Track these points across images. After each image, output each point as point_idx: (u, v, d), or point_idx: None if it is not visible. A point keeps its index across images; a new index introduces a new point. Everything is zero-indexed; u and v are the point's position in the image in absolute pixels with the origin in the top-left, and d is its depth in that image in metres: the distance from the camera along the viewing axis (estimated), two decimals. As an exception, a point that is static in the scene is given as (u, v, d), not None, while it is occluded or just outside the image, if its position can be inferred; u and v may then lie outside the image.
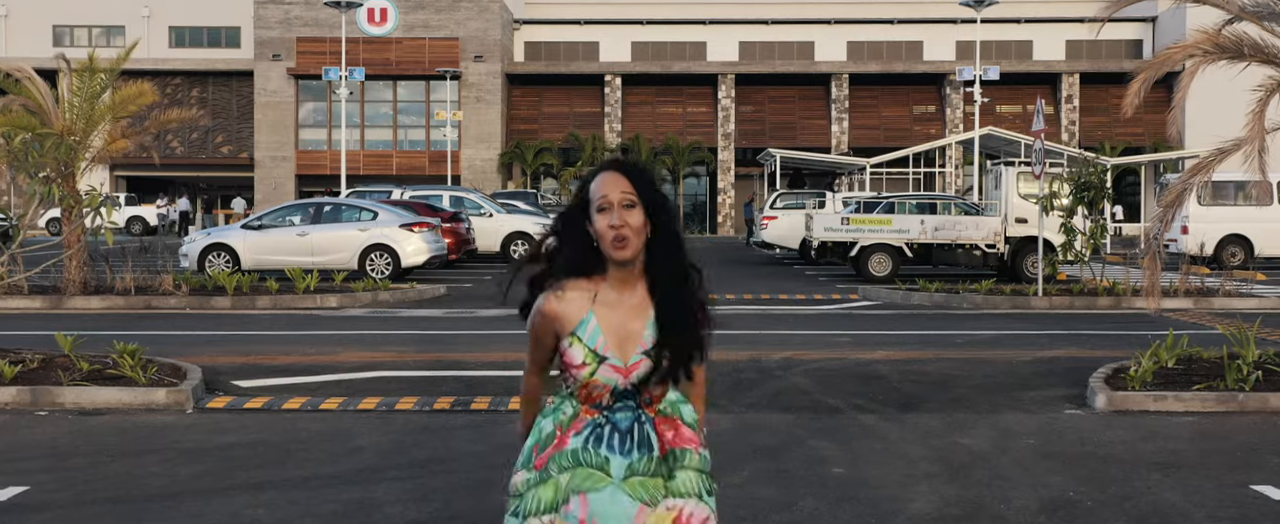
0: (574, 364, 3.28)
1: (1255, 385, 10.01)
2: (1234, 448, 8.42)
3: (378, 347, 13.85)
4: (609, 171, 3.29)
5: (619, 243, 3.22)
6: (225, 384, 10.88)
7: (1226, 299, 19.14)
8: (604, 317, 3.28)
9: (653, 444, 3.28)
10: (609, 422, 3.28)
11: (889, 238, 24.36)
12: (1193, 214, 27.85)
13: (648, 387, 3.30)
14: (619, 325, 3.28)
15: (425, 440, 8.58)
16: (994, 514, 6.64)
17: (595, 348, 3.26)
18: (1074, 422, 9.37)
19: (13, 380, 9.98)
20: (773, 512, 6.62)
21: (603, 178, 3.27)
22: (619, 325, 3.28)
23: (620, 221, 3.22)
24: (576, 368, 3.27)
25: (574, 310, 3.28)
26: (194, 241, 23.43)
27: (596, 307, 3.29)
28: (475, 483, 7.35)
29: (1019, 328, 16.13)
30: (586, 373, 3.27)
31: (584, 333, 3.27)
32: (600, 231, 3.24)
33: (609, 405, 3.30)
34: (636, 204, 3.25)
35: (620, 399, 3.30)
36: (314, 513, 6.62)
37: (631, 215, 3.23)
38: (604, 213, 3.24)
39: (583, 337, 3.27)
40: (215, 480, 7.37)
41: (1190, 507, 6.78)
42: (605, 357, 3.26)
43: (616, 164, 3.30)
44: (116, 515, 6.60)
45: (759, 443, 8.47)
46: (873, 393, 10.59)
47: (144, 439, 8.61)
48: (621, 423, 3.28)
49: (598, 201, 3.25)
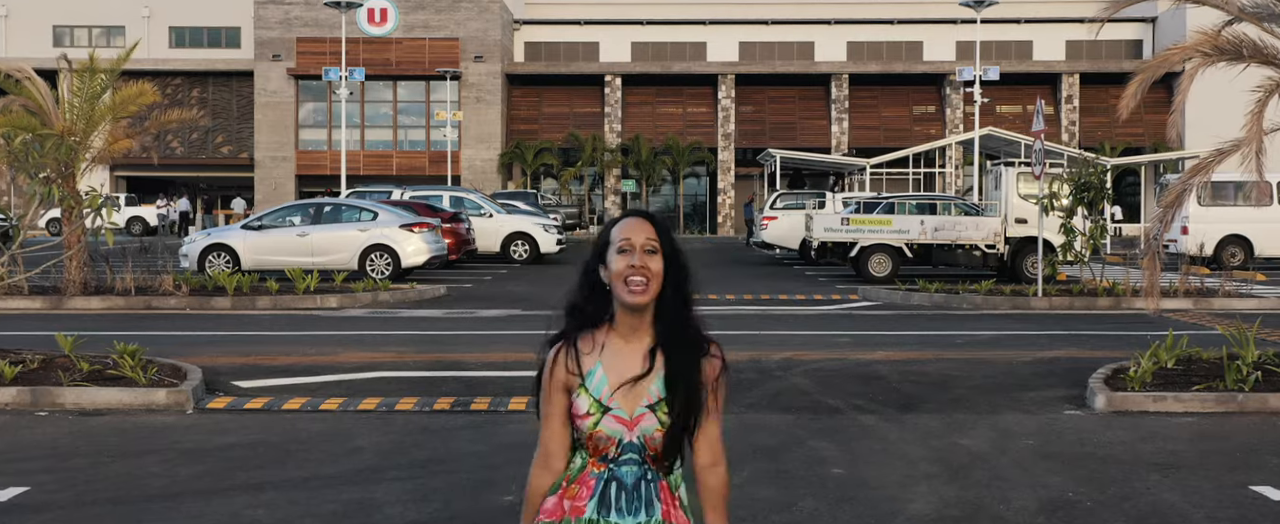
0: (579, 414, 3.24)
1: (1255, 386, 10.01)
2: (1233, 448, 8.43)
3: (378, 347, 13.85)
4: (634, 218, 3.26)
5: (637, 286, 3.17)
6: (225, 384, 10.88)
7: (1226, 300, 19.15)
8: (610, 366, 3.23)
9: (655, 507, 3.24)
10: (615, 477, 3.24)
11: (889, 238, 24.36)
12: (1193, 214, 27.84)
13: (654, 444, 3.22)
14: (624, 374, 3.23)
15: (425, 441, 8.59)
16: (993, 515, 6.64)
17: (600, 398, 3.22)
18: (1073, 422, 9.38)
19: (13, 381, 9.99)
20: (772, 512, 6.63)
21: (627, 223, 3.24)
22: (624, 374, 3.23)
23: (641, 263, 3.18)
24: (581, 418, 3.23)
25: (582, 363, 3.25)
26: (194, 242, 23.44)
27: (603, 356, 3.25)
28: (475, 483, 7.35)
29: (1019, 328, 16.14)
30: (590, 423, 3.22)
31: (591, 383, 3.23)
32: (618, 272, 3.19)
33: (615, 458, 3.24)
34: (658, 251, 3.22)
35: (626, 453, 3.24)
36: (314, 513, 6.63)
37: (652, 260, 3.19)
38: (625, 254, 3.19)
39: (589, 387, 3.23)
40: (215, 481, 7.38)
41: (1189, 507, 6.79)
42: (609, 407, 3.21)
43: (642, 213, 3.29)
44: (117, 516, 6.61)
45: (759, 443, 8.47)
46: (872, 393, 10.60)
47: (144, 440, 8.62)
48: (627, 478, 3.24)
49: (619, 243, 3.21)
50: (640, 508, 3.22)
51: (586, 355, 3.25)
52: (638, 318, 3.24)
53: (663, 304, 3.24)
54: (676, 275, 3.24)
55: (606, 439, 3.23)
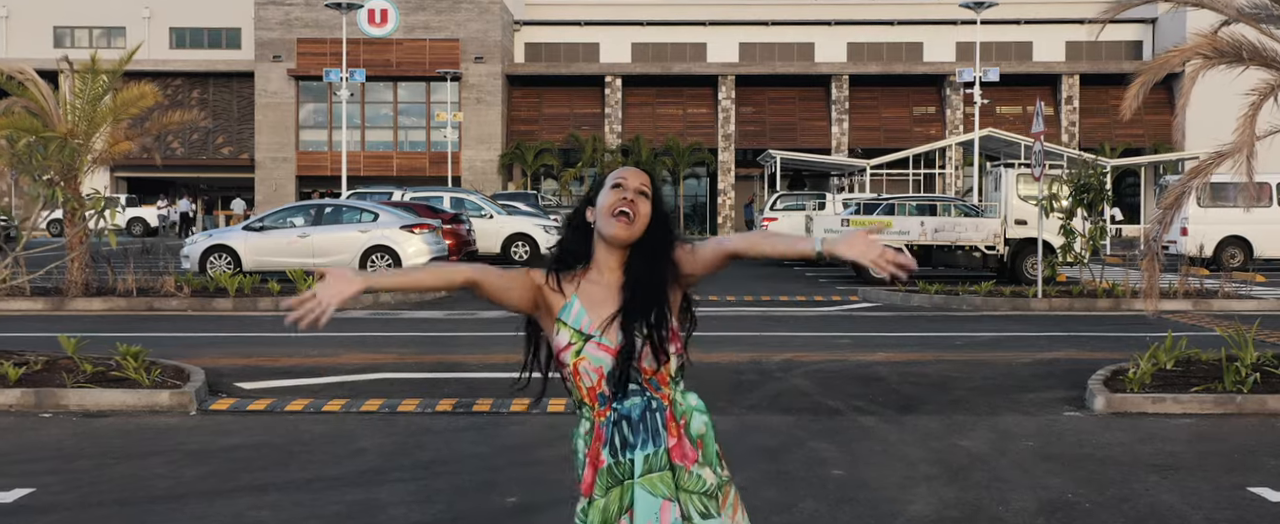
0: (561, 347, 3.33)
1: (1253, 387, 10.05)
2: (1231, 450, 8.47)
3: (379, 348, 13.90)
4: (633, 167, 3.42)
5: (621, 217, 3.31)
6: (228, 386, 10.93)
7: (1225, 301, 19.20)
8: (587, 296, 3.36)
9: (662, 437, 3.31)
10: (622, 416, 3.32)
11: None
12: (1192, 216, 27.90)
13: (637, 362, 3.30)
14: (601, 303, 3.34)
15: (428, 442, 8.64)
16: (992, 516, 6.69)
17: (580, 327, 3.32)
18: (1073, 423, 9.43)
19: (17, 382, 10.03)
20: (773, 513, 6.67)
21: (625, 169, 3.40)
22: (601, 303, 3.34)
23: (631, 199, 3.33)
24: (563, 350, 3.33)
25: (558, 297, 3.37)
26: (195, 243, 23.51)
27: (579, 291, 3.37)
28: (478, 484, 7.40)
29: (1018, 330, 16.18)
30: (573, 353, 3.31)
31: (568, 315, 3.34)
32: (608, 205, 3.34)
33: (613, 395, 3.32)
34: (649, 199, 3.37)
35: (621, 387, 3.32)
36: (318, 514, 6.67)
37: (641, 203, 3.35)
38: (617, 189, 3.35)
39: (567, 319, 3.34)
40: (220, 482, 7.43)
41: (1187, 508, 6.83)
42: (590, 335, 3.31)
43: (640, 166, 3.43)
44: (123, 517, 6.66)
45: (759, 444, 8.52)
46: (872, 395, 10.64)
47: (148, 441, 8.67)
48: (634, 412, 3.32)
49: (613, 181, 3.37)
50: (648, 439, 3.30)
51: (567, 284, 3.38)
52: (613, 258, 3.37)
53: (637, 252, 3.35)
54: (657, 231, 3.37)
55: (592, 372, 3.30)
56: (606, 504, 3.30)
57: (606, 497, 3.30)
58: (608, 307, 3.33)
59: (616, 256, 3.37)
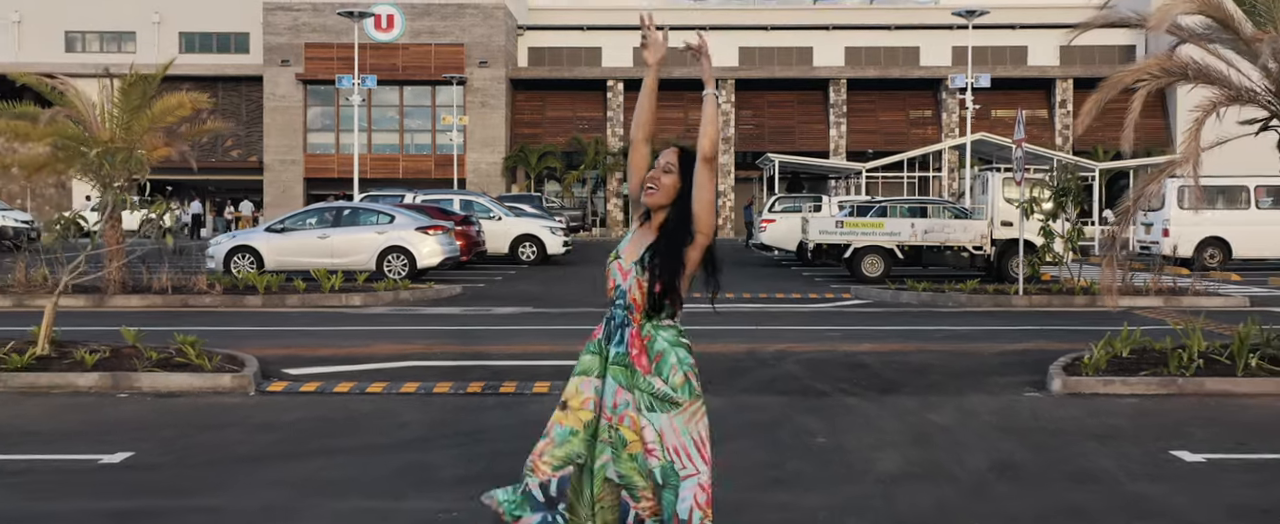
0: (608, 262, 4.82)
1: (1196, 372, 11.26)
2: (1165, 423, 9.70)
3: (407, 340, 15.11)
4: (672, 147, 4.87)
5: (649, 191, 4.76)
6: (277, 372, 12.13)
7: (1195, 298, 20.37)
8: (636, 234, 4.82)
9: (625, 344, 4.73)
10: (613, 316, 4.79)
11: (881, 240, 25.61)
12: (1173, 217, 29.11)
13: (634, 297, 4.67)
14: (634, 242, 4.79)
15: (463, 417, 9.85)
16: (949, 473, 7.91)
17: (618, 251, 4.80)
18: (1030, 402, 10.65)
19: (94, 366, 11.24)
20: (763, 470, 7.90)
21: (667, 150, 4.83)
22: (634, 242, 4.79)
23: (656, 175, 4.76)
24: (609, 259, 4.82)
25: (628, 230, 4.89)
26: (219, 244, 24.74)
27: (635, 230, 4.84)
28: (512, 449, 8.59)
29: (997, 324, 17.38)
30: (610, 262, 4.80)
31: (620, 246, 4.83)
32: (644, 179, 4.77)
33: (614, 302, 4.74)
34: (675, 172, 4.76)
35: (619, 298, 4.71)
36: (382, 471, 7.89)
37: (666, 177, 4.76)
38: (654, 169, 4.79)
39: (620, 242, 4.84)
40: (292, 447, 8.65)
41: (1114, 468, 8.05)
42: (620, 256, 4.78)
43: (679, 145, 4.87)
44: (217, 473, 7.87)
45: (753, 419, 9.74)
46: (857, 379, 11.86)
47: (220, 415, 9.89)
48: (617, 317, 4.79)
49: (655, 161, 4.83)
50: (620, 342, 4.76)
51: (635, 222, 4.88)
52: (657, 216, 4.78)
53: (669, 219, 4.74)
54: (684, 204, 4.71)
55: (609, 279, 4.79)
56: (590, 361, 4.77)
57: (593, 356, 4.78)
58: (637, 244, 4.76)
59: (659, 216, 4.77)
